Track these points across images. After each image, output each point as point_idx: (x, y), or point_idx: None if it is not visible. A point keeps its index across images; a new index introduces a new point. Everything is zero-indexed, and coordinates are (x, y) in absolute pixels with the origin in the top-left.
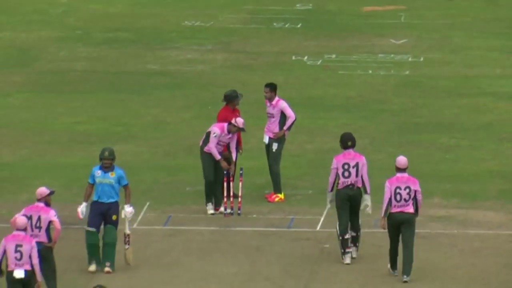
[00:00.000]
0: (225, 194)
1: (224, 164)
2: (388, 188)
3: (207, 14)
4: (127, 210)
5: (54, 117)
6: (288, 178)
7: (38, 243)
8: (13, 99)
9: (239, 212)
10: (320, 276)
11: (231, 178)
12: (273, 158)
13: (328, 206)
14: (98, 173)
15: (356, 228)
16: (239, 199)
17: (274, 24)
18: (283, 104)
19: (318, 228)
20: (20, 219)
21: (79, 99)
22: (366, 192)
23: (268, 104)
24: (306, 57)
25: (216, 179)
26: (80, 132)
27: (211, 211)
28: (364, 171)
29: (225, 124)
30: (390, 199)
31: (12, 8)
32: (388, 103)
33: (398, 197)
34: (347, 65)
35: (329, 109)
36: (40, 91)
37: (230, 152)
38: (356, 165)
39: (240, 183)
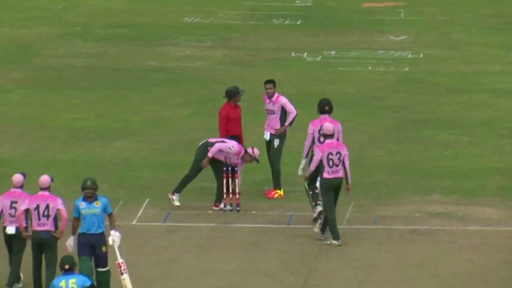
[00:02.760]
0: (225, 190)
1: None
2: (319, 154)
3: (207, 10)
4: (115, 234)
5: (54, 113)
6: (287, 175)
7: (45, 232)
8: (13, 95)
9: (238, 208)
10: (319, 273)
11: (230, 175)
12: (274, 155)
13: (300, 173)
14: (83, 204)
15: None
16: (237, 195)
17: (274, 20)
18: (284, 100)
19: (317, 224)
20: (16, 176)
21: (79, 95)
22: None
23: (268, 100)
24: (305, 54)
25: (216, 176)
26: (79, 129)
27: (176, 203)
28: (340, 137)
29: (243, 150)
30: (320, 164)
31: (12, 4)
32: (387, 100)
33: (330, 162)
34: (347, 61)
35: None
36: (39, 87)
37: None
38: (332, 134)
39: (237, 180)
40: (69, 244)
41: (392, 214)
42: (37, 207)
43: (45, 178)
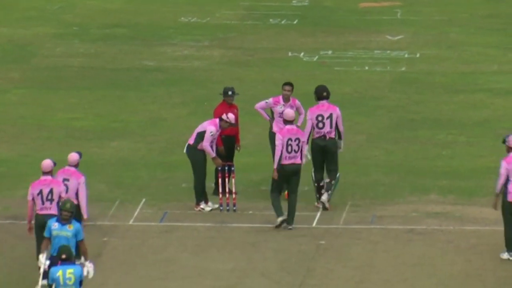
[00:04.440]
0: (220, 190)
1: (218, 161)
2: (280, 140)
3: (204, 10)
4: (90, 265)
5: (52, 113)
6: None
7: (50, 215)
8: (11, 95)
9: (234, 208)
10: (317, 273)
11: (227, 175)
12: None
13: (309, 158)
14: (55, 225)
15: (331, 175)
16: (234, 195)
17: (271, 20)
18: (298, 102)
19: (314, 224)
20: (71, 155)
21: (76, 95)
22: (340, 138)
23: (283, 102)
24: (302, 53)
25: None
26: (77, 128)
27: (208, 208)
28: (339, 122)
29: (217, 120)
30: (281, 151)
31: (9, 4)
32: (384, 99)
33: (289, 148)
34: (343, 61)
35: None
36: (37, 87)
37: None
38: (330, 116)
39: (233, 180)
40: (41, 261)
41: (389, 214)
42: (40, 192)
43: (47, 163)
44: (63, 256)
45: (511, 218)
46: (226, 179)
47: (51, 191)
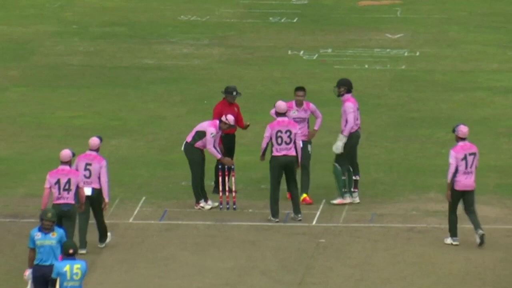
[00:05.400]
0: (221, 188)
1: (227, 160)
2: (268, 132)
3: (203, 8)
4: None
5: (51, 111)
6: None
7: (66, 205)
8: (10, 93)
9: (234, 206)
10: (316, 271)
11: (226, 173)
12: (307, 159)
13: (339, 148)
14: (38, 235)
15: (356, 170)
16: (234, 194)
17: (270, 18)
18: (313, 106)
19: (314, 223)
20: (92, 139)
21: (76, 93)
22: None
23: (296, 108)
24: (302, 52)
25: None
26: (76, 127)
27: (208, 206)
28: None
29: (217, 122)
30: (268, 142)
31: (9, 2)
32: (384, 98)
33: (279, 140)
34: (343, 59)
35: (325, 104)
36: (36, 85)
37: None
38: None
39: (233, 178)
40: (28, 277)
41: (389, 212)
42: (58, 182)
43: (66, 153)
44: (70, 251)
45: (456, 206)
46: (226, 178)
47: (68, 181)
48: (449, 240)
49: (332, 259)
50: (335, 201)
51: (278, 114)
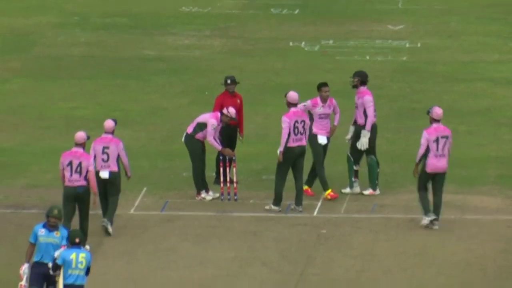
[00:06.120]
0: (222, 179)
1: (227, 151)
2: (287, 123)
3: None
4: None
5: (52, 102)
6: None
7: (80, 187)
8: (11, 84)
9: (235, 197)
10: (318, 261)
11: (228, 164)
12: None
13: (364, 144)
14: (42, 231)
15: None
16: (235, 185)
17: (272, 10)
18: (335, 101)
19: (315, 213)
20: (107, 122)
21: (77, 84)
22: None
23: (321, 104)
24: (303, 43)
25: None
26: (78, 118)
27: (209, 197)
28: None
29: (219, 114)
30: (289, 134)
31: None
32: (385, 89)
33: (296, 130)
34: (345, 50)
35: None
36: (38, 76)
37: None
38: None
39: (234, 169)
40: (24, 272)
41: (390, 203)
42: (70, 163)
43: (80, 135)
44: (77, 240)
45: (426, 186)
46: (227, 169)
47: (79, 164)
48: (425, 221)
49: (333, 250)
50: (367, 192)
51: (290, 104)
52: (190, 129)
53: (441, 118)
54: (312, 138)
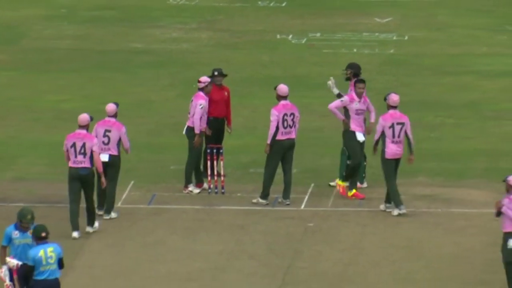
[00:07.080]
0: (209, 172)
1: (199, 140)
2: (276, 116)
3: None
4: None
5: (39, 95)
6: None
7: (83, 169)
8: None
9: (223, 190)
10: (305, 255)
11: (215, 157)
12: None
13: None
14: (16, 233)
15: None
16: (222, 178)
17: (259, 2)
18: (368, 99)
19: (302, 207)
20: (109, 105)
21: (65, 77)
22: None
23: (358, 99)
24: (290, 36)
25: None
26: (65, 110)
27: (197, 190)
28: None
29: (202, 93)
30: (278, 127)
31: None
32: (372, 82)
33: (285, 123)
34: (332, 43)
35: (314, 88)
36: (25, 69)
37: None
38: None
39: (222, 162)
40: (5, 274)
41: (377, 196)
42: (74, 145)
43: (83, 117)
44: (43, 234)
45: (394, 175)
46: (215, 162)
47: (83, 145)
48: (396, 211)
49: (321, 243)
50: (333, 183)
51: (281, 97)
52: (190, 123)
53: (397, 105)
54: (350, 135)
